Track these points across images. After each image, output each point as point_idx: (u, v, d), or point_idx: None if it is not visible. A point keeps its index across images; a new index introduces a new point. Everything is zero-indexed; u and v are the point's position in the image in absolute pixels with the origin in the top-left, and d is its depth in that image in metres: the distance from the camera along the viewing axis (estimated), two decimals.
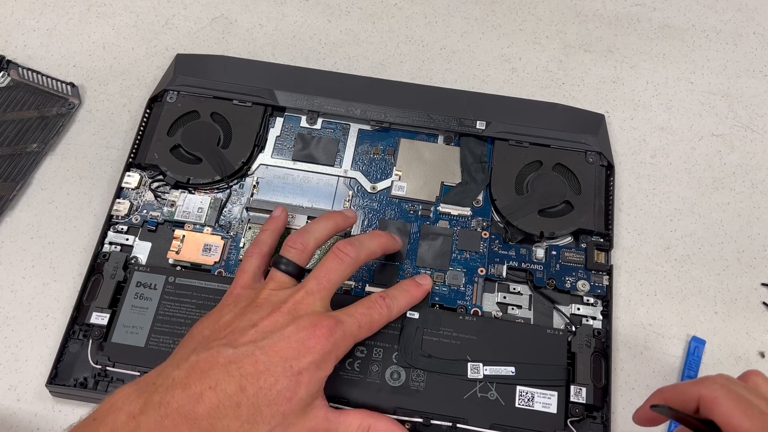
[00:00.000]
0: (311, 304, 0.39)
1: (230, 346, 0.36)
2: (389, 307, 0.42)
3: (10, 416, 0.44)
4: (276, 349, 0.36)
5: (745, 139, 0.57)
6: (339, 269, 0.41)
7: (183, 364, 0.36)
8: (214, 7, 0.62)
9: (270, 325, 0.38)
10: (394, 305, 0.42)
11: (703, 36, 0.62)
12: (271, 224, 0.46)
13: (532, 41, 0.62)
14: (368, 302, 0.41)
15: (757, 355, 0.48)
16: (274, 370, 0.36)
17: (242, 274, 0.42)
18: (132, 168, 0.52)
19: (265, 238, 0.45)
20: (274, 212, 0.47)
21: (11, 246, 0.50)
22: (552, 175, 0.52)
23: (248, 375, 0.35)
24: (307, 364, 0.37)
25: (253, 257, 0.43)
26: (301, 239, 0.42)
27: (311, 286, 0.40)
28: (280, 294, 0.40)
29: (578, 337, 0.46)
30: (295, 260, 0.42)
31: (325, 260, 0.41)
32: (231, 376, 0.35)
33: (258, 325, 0.38)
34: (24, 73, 0.56)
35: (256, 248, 0.44)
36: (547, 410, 0.43)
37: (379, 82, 0.56)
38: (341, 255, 0.41)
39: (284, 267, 0.41)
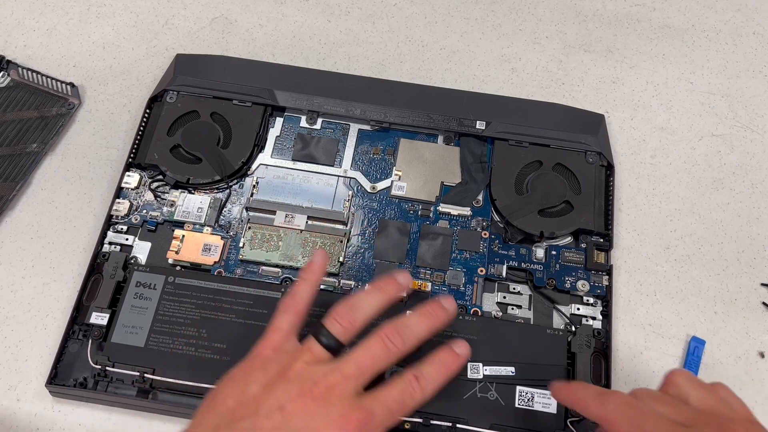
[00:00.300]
0: (345, 391, 0.35)
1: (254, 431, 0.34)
2: (423, 390, 0.37)
3: (10, 416, 0.44)
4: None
5: (745, 139, 0.57)
6: (383, 359, 0.37)
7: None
8: (214, 7, 0.62)
9: (298, 410, 0.35)
10: (428, 387, 0.37)
11: (703, 36, 0.62)
12: (310, 275, 0.40)
13: (532, 41, 0.62)
14: (402, 385, 0.37)
15: (757, 355, 0.48)
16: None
17: (275, 332, 0.38)
18: (132, 168, 0.52)
19: (303, 291, 0.40)
20: (314, 257, 0.41)
21: (11, 246, 0.50)
22: (552, 175, 0.52)
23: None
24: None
25: (288, 313, 0.39)
26: (350, 316, 0.38)
27: (350, 371, 0.36)
28: (313, 371, 0.36)
29: (578, 337, 0.46)
30: (339, 336, 0.37)
31: (371, 345, 0.37)
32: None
33: (285, 408, 0.34)
34: (24, 73, 0.56)
35: (292, 302, 0.39)
36: (547, 410, 0.43)
37: (379, 82, 0.56)
38: (390, 345, 0.37)
39: (325, 340, 0.37)
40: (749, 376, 0.47)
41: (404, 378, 0.37)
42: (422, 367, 0.38)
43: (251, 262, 0.48)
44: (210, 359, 0.44)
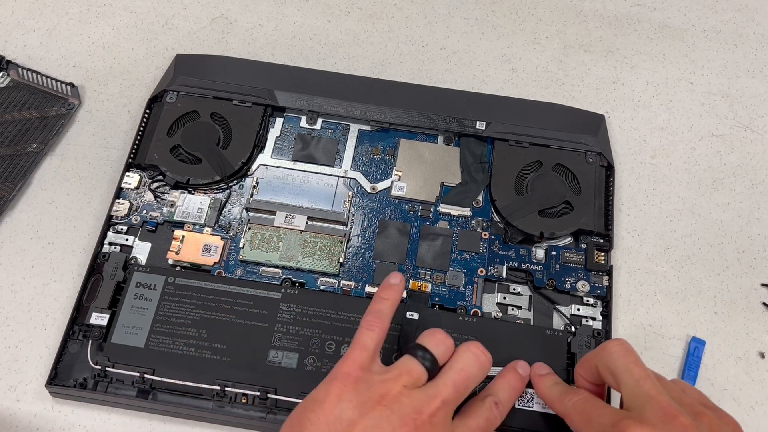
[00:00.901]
0: (444, 418, 0.35)
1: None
2: (502, 415, 0.39)
3: (10, 416, 0.44)
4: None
5: (745, 139, 0.57)
6: (478, 376, 0.38)
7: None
8: (214, 7, 0.62)
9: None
10: (505, 412, 0.39)
11: (703, 36, 0.62)
12: (391, 293, 0.40)
13: (532, 41, 0.62)
14: (486, 413, 0.38)
15: (757, 356, 0.48)
16: None
17: (361, 351, 0.37)
18: (132, 168, 0.52)
19: (386, 309, 0.39)
20: (391, 278, 0.41)
21: (11, 246, 0.50)
22: (552, 176, 0.52)
23: None
24: None
25: (373, 330, 0.38)
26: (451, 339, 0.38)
27: (449, 396, 0.36)
28: (413, 398, 0.35)
29: (578, 337, 0.46)
30: (438, 357, 0.37)
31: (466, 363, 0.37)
32: None
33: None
34: (24, 74, 0.56)
35: (376, 320, 0.38)
36: (547, 410, 0.43)
37: (379, 82, 0.56)
38: (483, 359, 0.38)
39: (422, 359, 0.37)
40: (749, 377, 0.47)
41: (486, 405, 0.38)
42: (497, 392, 0.39)
43: (251, 263, 0.48)
44: (210, 360, 0.44)
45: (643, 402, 0.34)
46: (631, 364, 0.36)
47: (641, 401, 0.34)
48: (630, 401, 0.35)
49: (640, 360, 0.37)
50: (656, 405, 0.34)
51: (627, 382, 0.36)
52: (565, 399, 0.38)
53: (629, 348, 0.37)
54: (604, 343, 0.38)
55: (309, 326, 0.45)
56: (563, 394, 0.39)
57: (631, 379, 0.35)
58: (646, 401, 0.34)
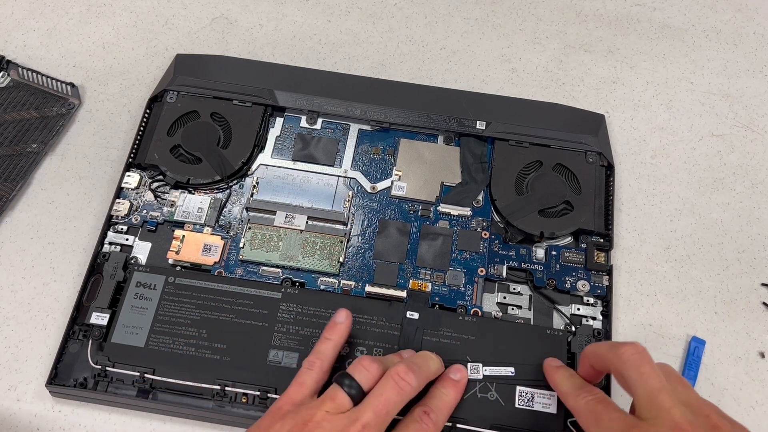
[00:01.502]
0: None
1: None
2: (436, 424, 0.39)
3: (10, 416, 0.44)
4: None
5: (745, 139, 0.57)
6: (398, 400, 0.38)
7: None
8: (214, 7, 0.62)
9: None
10: (440, 420, 0.40)
11: (703, 36, 0.62)
12: (335, 334, 0.41)
13: (532, 41, 0.62)
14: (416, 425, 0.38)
15: (757, 355, 0.48)
16: None
17: (299, 387, 0.39)
18: (132, 168, 0.52)
19: (328, 350, 0.41)
20: (337, 317, 0.42)
21: (11, 246, 0.50)
22: (552, 175, 0.52)
23: None
24: None
25: (313, 371, 0.40)
26: (376, 365, 0.39)
27: (368, 420, 0.37)
28: (334, 422, 0.37)
29: (578, 337, 0.46)
30: (363, 384, 0.38)
31: (385, 389, 0.38)
32: None
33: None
34: (24, 73, 0.56)
35: (317, 360, 0.40)
36: (547, 410, 0.43)
37: (379, 82, 0.56)
38: (402, 384, 0.38)
39: (347, 389, 0.38)
40: (749, 376, 0.47)
41: (416, 416, 0.39)
42: (429, 401, 0.40)
43: (251, 263, 0.48)
44: (210, 359, 0.44)
45: (655, 414, 0.34)
46: (645, 375, 0.36)
47: (654, 413, 0.34)
48: (642, 411, 0.35)
49: (655, 369, 0.36)
50: (669, 418, 0.34)
51: (640, 394, 0.35)
52: (579, 396, 0.39)
53: (645, 355, 0.37)
54: (619, 346, 0.37)
55: (309, 326, 0.45)
56: (578, 390, 0.39)
57: (645, 391, 0.35)
58: (659, 413, 0.34)
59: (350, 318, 0.42)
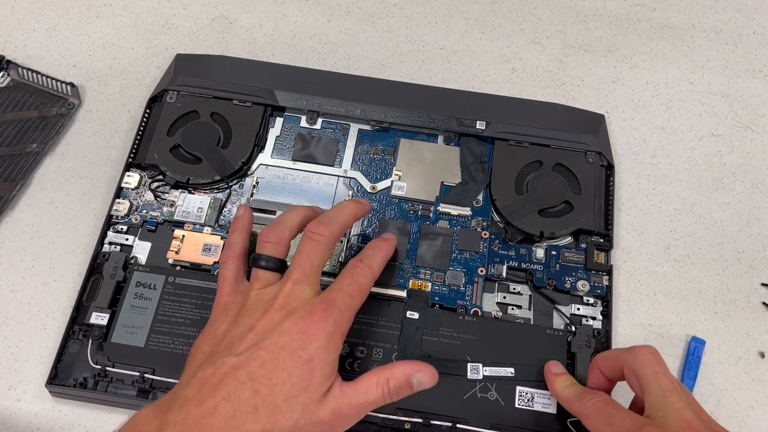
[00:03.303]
0: (302, 293, 0.39)
1: (233, 355, 0.36)
2: (370, 267, 0.41)
3: (10, 416, 0.44)
4: (280, 345, 0.36)
5: (745, 139, 0.57)
6: (318, 251, 0.40)
7: (191, 381, 0.36)
8: (214, 7, 0.62)
9: (266, 324, 0.37)
10: (373, 264, 0.42)
11: (703, 36, 0.62)
12: (238, 224, 0.44)
13: (532, 41, 0.62)
14: (349, 271, 0.41)
15: (757, 355, 0.48)
16: (284, 365, 0.36)
17: (223, 282, 0.41)
18: (132, 168, 0.52)
19: (236, 239, 0.43)
20: (237, 212, 0.45)
21: (11, 246, 0.50)
22: (552, 175, 0.52)
23: (258, 377, 0.35)
24: (315, 350, 0.36)
25: (228, 262, 0.42)
26: (275, 232, 0.41)
27: (296, 276, 0.39)
28: (267, 291, 0.39)
29: (578, 337, 0.46)
30: (274, 254, 0.41)
31: (301, 246, 0.40)
32: (241, 382, 0.35)
33: (255, 327, 0.37)
34: (24, 73, 0.56)
35: (229, 252, 0.43)
36: (547, 410, 0.43)
37: (379, 82, 0.56)
38: (316, 237, 0.40)
39: (264, 263, 0.40)
40: (749, 376, 0.47)
41: (349, 265, 0.41)
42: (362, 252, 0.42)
43: None
44: None
45: (667, 413, 0.34)
46: (659, 374, 0.36)
47: (665, 412, 0.34)
48: (653, 411, 0.35)
49: (668, 371, 0.37)
50: (680, 418, 0.34)
51: (653, 392, 0.36)
52: (585, 399, 0.39)
53: (659, 357, 0.37)
54: (635, 346, 0.38)
55: None
56: (582, 394, 0.40)
57: (658, 390, 0.36)
58: (671, 413, 0.34)
59: (249, 209, 0.45)
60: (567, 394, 0.41)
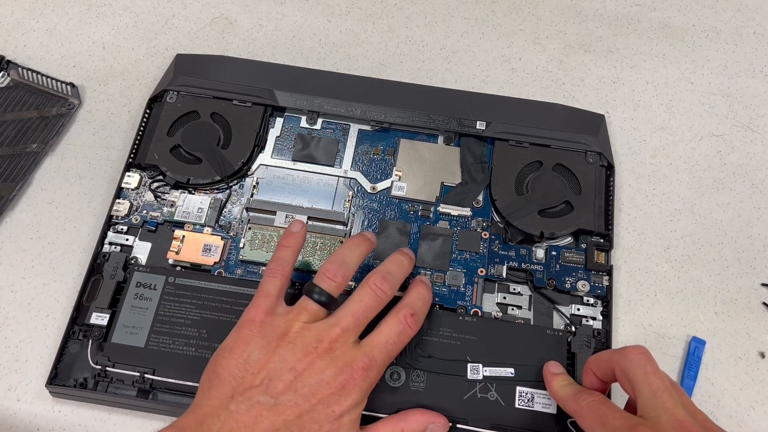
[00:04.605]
0: (346, 343, 0.38)
1: (270, 396, 0.36)
2: (418, 324, 0.41)
3: (10, 416, 0.44)
4: (318, 397, 0.36)
5: (745, 139, 0.57)
6: (375, 306, 0.40)
7: (224, 415, 0.35)
8: (214, 7, 0.62)
9: (307, 369, 0.37)
10: (421, 318, 0.41)
11: (703, 36, 0.62)
12: (291, 240, 0.43)
13: (532, 41, 0.62)
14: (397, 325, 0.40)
15: (757, 355, 0.48)
16: (317, 417, 0.36)
17: (264, 297, 0.40)
18: (132, 168, 0.52)
19: (287, 256, 0.42)
20: (292, 227, 0.43)
21: (11, 246, 0.50)
22: (552, 176, 0.52)
23: (293, 426, 0.36)
24: (347, 407, 0.37)
25: (275, 278, 0.40)
26: (342, 272, 0.40)
27: (348, 323, 0.38)
28: (313, 329, 0.38)
29: (578, 337, 0.46)
30: (331, 291, 0.40)
31: (363, 296, 0.39)
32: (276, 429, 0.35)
33: (295, 368, 0.37)
34: (24, 73, 0.56)
35: (277, 266, 0.41)
36: (547, 411, 0.43)
37: (379, 82, 0.56)
38: (379, 292, 0.40)
39: (318, 297, 0.39)
40: (749, 376, 0.47)
41: (399, 315, 0.40)
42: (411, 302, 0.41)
43: (251, 263, 0.48)
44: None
45: (658, 413, 0.34)
46: (650, 374, 0.36)
47: (657, 412, 0.35)
48: (645, 411, 0.35)
49: (659, 370, 0.37)
50: (672, 417, 0.34)
51: (644, 392, 0.36)
52: (580, 398, 0.39)
53: (649, 357, 0.37)
54: (625, 347, 0.38)
55: None
56: (577, 394, 0.40)
57: (649, 390, 0.36)
58: (662, 412, 0.34)
59: (305, 228, 0.44)
60: (563, 393, 0.41)
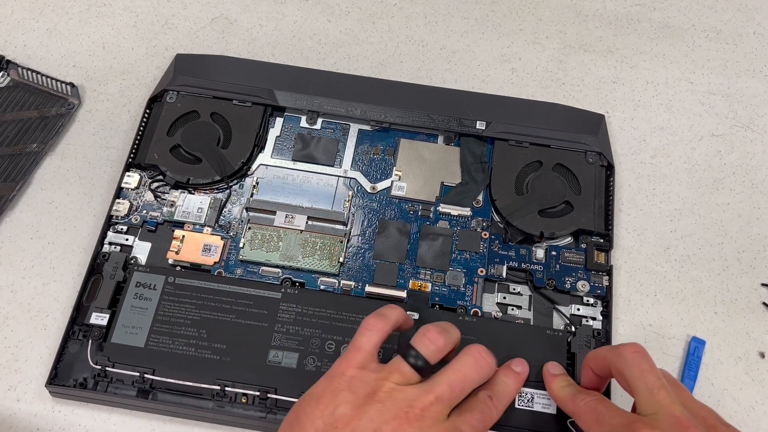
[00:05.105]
0: (439, 413, 0.36)
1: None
2: (498, 409, 0.38)
3: (10, 416, 0.44)
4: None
5: (745, 139, 0.57)
6: (475, 379, 0.38)
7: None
8: (214, 7, 0.62)
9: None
10: (501, 406, 0.39)
11: (703, 36, 0.62)
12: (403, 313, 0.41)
13: (532, 41, 0.62)
14: (482, 406, 0.38)
15: (757, 355, 0.48)
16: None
17: (357, 351, 0.37)
18: (132, 168, 0.52)
19: (394, 315, 0.40)
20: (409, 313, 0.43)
21: (11, 246, 0.50)
22: (552, 175, 0.52)
23: None
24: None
25: (372, 331, 0.38)
26: (444, 338, 0.38)
27: (443, 393, 0.36)
28: (406, 393, 0.36)
29: (578, 337, 0.46)
30: (428, 356, 0.37)
31: (464, 365, 0.37)
32: None
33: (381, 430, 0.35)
34: (24, 73, 0.56)
35: (379, 321, 0.39)
36: (547, 411, 0.43)
37: (379, 82, 0.56)
38: (482, 363, 0.38)
39: (414, 361, 0.37)
40: (749, 376, 0.47)
41: (480, 398, 0.38)
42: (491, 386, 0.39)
43: (251, 263, 0.48)
44: (210, 359, 0.44)
45: (656, 410, 0.35)
46: (645, 372, 0.36)
47: (654, 409, 0.35)
48: (643, 409, 0.35)
49: (655, 368, 0.37)
50: (669, 414, 0.34)
51: (641, 390, 0.36)
52: (578, 398, 0.39)
53: (645, 355, 0.37)
54: (620, 346, 0.38)
55: (309, 326, 0.45)
56: (576, 394, 0.40)
57: (645, 388, 0.36)
58: (659, 409, 0.34)
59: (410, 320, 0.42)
60: (562, 394, 0.41)
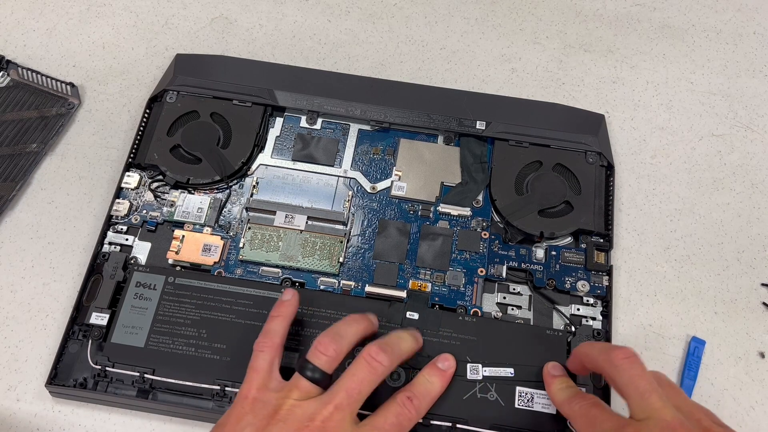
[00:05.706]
0: (341, 422, 0.36)
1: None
2: (417, 409, 0.39)
3: (10, 416, 0.44)
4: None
5: (745, 139, 0.57)
6: (371, 380, 0.38)
7: None
8: (213, 7, 0.62)
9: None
10: (423, 405, 0.39)
11: (703, 36, 0.62)
12: (282, 310, 0.41)
13: (532, 41, 0.62)
14: (397, 408, 0.38)
15: (757, 355, 0.48)
16: None
17: (254, 372, 0.38)
18: (132, 168, 0.52)
19: (277, 327, 0.40)
20: (283, 296, 0.42)
21: (11, 246, 0.50)
22: (552, 175, 0.52)
23: None
24: None
25: (264, 352, 0.39)
26: (335, 346, 0.38)
27: (341, 400, 0.36)
28: (305, 407, 0.36)
29: (578, 337, 0.46)
30: (323, 367, 0.38)
31: (357, 369, 0.38)
32: None
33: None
34: (24, 73, 0.56)
35: (267, 340, 0.40)
36: (547, 411, 0.43)
37: (379, 82, 0.56)
38: (374, 364, 0.38)
39: (311, 374, 0.38)
40: (749, 377, 0.47)
41: (398, 401, 0.38)
42: (413, 387, 0.40)
43: (251, 263, 0.48)
44: (210, 359, 0.44)
45: (648, 414, 0.35)
46: (635, 378, 0.36)
47: (646, 414, 0.35)
48: (635, 412, 0.35)
49: (645, 372, 0.36)
50: (660, 418, 0.34)
51: (632, 395, 0.36)
52: (573, 402, 0.39)
53: (635, 360, 0.37)
54: (611, 350, 0.38)
55: (308, 326, 0.45)
56: (572, 397, 0.40)
57: (636, 393, 0.36)
58: (651, 414, 0.35)
59: (297, 295, 0.42)
60: (560, 396, 0.41)
